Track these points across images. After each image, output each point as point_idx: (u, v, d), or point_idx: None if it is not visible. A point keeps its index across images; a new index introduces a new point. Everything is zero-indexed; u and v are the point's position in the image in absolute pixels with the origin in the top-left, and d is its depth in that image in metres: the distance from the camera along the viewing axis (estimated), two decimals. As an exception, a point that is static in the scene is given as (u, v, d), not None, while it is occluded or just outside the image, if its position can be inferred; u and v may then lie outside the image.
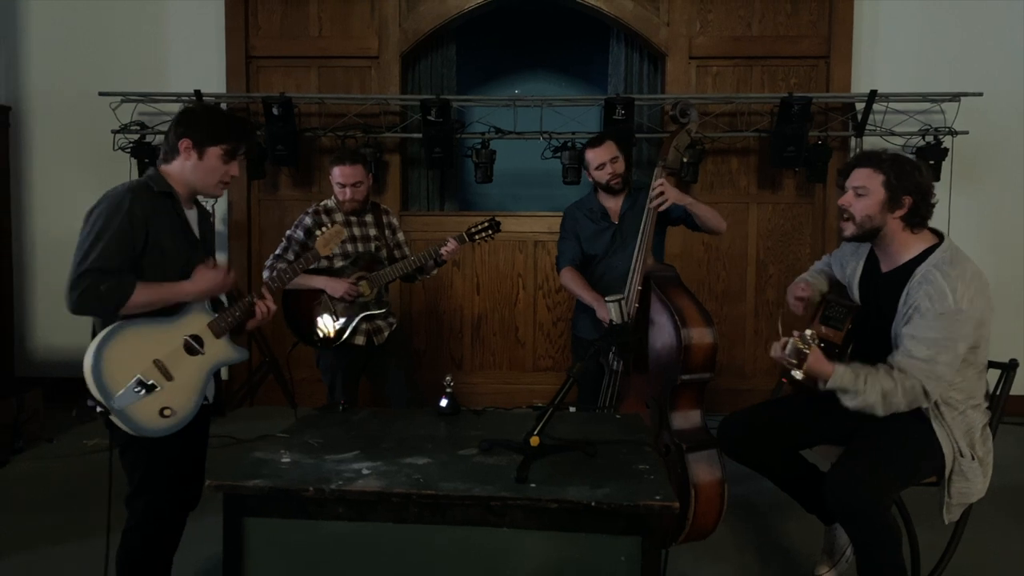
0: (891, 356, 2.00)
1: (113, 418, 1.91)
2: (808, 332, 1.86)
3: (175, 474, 2.07)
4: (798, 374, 1.88)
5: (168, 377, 1.96)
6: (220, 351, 2.09)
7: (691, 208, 2.90)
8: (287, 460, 1.79)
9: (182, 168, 2.06)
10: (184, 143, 2.03)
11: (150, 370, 1.94)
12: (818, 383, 1.97)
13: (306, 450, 1.87)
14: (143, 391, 1.92)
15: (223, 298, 2.20)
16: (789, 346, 1.88)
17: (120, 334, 1.93)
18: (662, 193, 2.81)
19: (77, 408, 2.04)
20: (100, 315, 1.94)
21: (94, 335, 1.96)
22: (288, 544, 1.64)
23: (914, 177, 2.02)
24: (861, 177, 2.05)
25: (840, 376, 1.94)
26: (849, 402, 1.97)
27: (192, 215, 2.13)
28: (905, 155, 2.10)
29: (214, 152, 2.05)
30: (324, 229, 2.44)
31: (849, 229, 2.08)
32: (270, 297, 2.19)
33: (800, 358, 1.86)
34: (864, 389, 1.93)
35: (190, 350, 2.02)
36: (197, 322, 2.05)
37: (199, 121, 2.07)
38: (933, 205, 2.06)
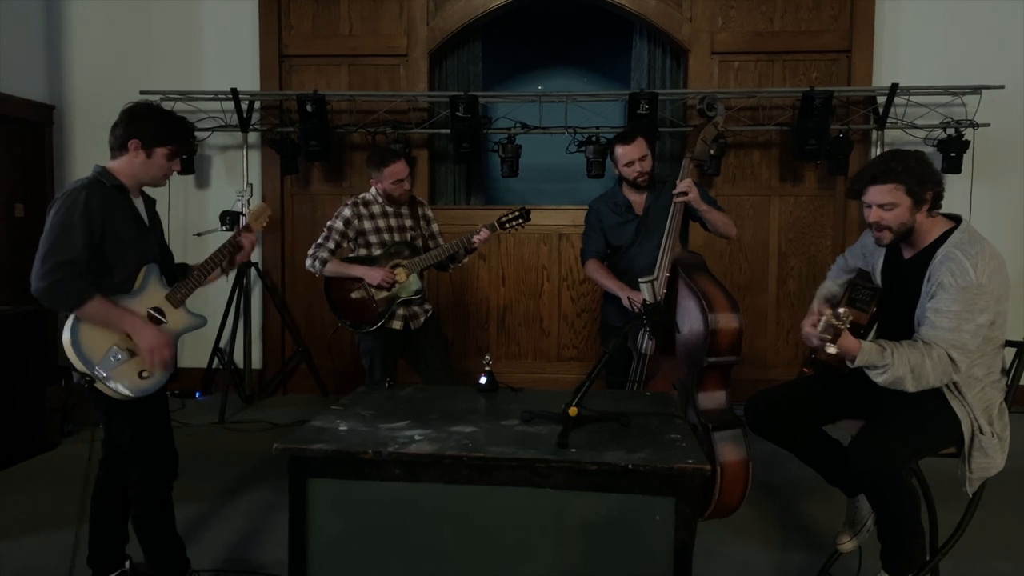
0: (916, 333, 2.09)
1: (98, 385, 2.11)
2: (842, 310, 1.95)
3: (159, 433, 2.28)
4: (832, 348, 1.96)
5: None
6: (180, 320, 2.32)
7: (704, 215, 3.08)
8: (344, 428, 1.92)
9: (130, 164, 2.22)
10: (133, 143, 2.20)
11: (123, 339, 2.16)
12: (845, 361, 2.06)
13: (360, 420, 2.00)
14: (121, 357, 2.14)
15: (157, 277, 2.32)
16: (822, 323, 1.96)
17: None
18: (686, 193, 2.97)
19: (64, 380, 2.24)
20: (54, 308, 2.12)
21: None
22: (347, 503, 1.78)
23: (926, 171, 2.11)
24: (882, 194, 2.11)
25: (867, 352, 2.02)
26: (878, 378, 2.04)
27: (139, 204, 2.31)
28: (904, 152, 2.17)
29: (161, 152, 2.23)
30: (250, 208, 2.56)
31: (887, 238, 2.16)
32: (247, 233, 2.45)
33: (835, 334, 1.94)
34: (893, 362, 2.01)
35: (154, 321, 2.23)
36: (156, 296, 2.26)
37: (147, 123, 2.23)
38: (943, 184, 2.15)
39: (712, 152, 3.08)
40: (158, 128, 2.22)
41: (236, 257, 2.45)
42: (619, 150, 3.21)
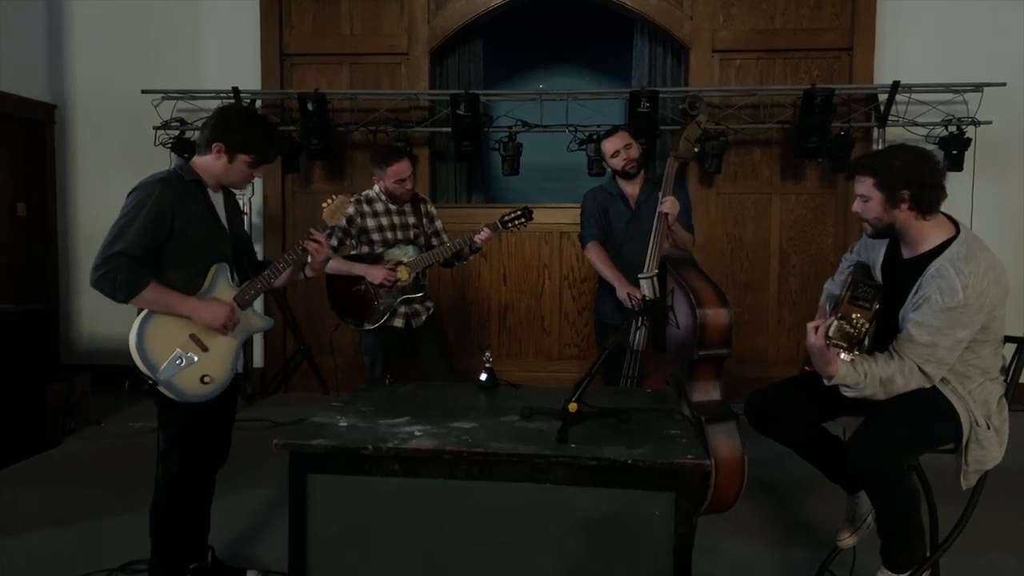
0: (894, 340, 2.09)
1: (161, 388, 2.11)
2: (855, 315, 1.91)
3: (207, 434, 2.25)
4: (847, 356, 1.95)
5: (204, 348, 2.16)
6: (247, 321, 2.29)
7: (671, 227, 3.09)
8: (344, 424, 1.93)
9: (212, 164, 2.22)
10: (217, 146, 2.18)
11: (187, 343, 2.14)
12: (823, 379, 2.07)
13: (360, 416, 2.01)
14: (183, 362, 2.12)
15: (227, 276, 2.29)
16: (833, 328, 1.93)
17: (158, 313, 2.12)
18: (667, 213, 3.04)
19: (128, 381, 2.21)
20: (110, 297, 2.07)
21: (138, 315, 2.14)
22: (347, 498, 1.79)
23: (902, 170, 2.05)
24: (860, 184, 2.14)
25: (843, 376, 2.04)
26: (848, 394, 2.07)
27: (218, 198, 2.29)
28: (899, 147, 2.13)
29: (243, 159, 2.21)
30: (329, 201, 2.45)
31: (868, 230, 2.21)
32: (317, 233, 2.36)
33: (849, 340, 1.91)
34: (866, 383, 2.04)
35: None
36: (224, 296, 2.23)
37: (234, 128, 2.19)
38: (938, 187, 2.07)
39: (696, 151, 3.18)
40: (244, 135, 2.19)
41: (314, 261, 2.38)
42: (604, 145, 3.35)
